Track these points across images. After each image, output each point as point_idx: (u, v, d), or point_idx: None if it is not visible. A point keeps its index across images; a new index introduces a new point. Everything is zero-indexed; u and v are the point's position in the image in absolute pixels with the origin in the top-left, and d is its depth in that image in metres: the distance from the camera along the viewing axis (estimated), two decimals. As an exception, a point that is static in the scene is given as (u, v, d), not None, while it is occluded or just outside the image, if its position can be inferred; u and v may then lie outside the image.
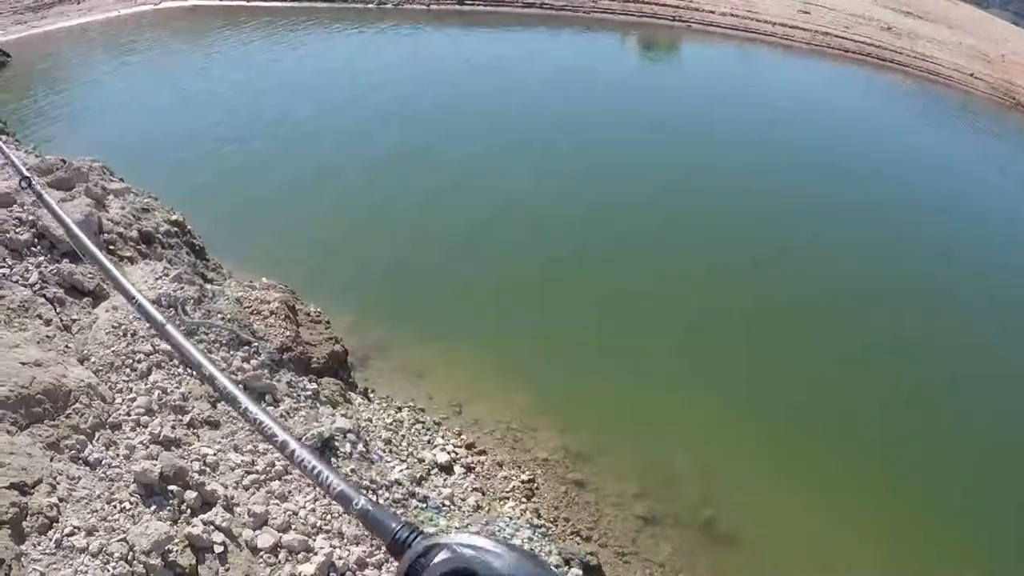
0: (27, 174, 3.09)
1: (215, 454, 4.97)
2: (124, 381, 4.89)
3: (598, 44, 25.11)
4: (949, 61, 24.27)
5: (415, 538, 0.89)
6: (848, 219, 14.12)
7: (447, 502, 6.69)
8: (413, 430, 7.61)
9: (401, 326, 9.43)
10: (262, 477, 5.13)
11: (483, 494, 7.23)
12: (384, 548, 0.92)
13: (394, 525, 0.93)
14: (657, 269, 11.71)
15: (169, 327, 1.69)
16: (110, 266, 2.18)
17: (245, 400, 1.30)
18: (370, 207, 12.69)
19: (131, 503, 3.97)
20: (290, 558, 4.64)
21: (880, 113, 21.81)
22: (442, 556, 0.83)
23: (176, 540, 3.90)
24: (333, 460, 5.96)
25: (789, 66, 24.69)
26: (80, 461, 4.01)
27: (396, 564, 0.86)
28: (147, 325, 5.43)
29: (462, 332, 9.66)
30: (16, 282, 5.01)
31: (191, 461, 4.67)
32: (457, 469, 7.41)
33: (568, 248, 12.10)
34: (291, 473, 5.49)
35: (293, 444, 1.13)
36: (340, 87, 18.83)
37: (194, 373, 5.58)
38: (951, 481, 8.61)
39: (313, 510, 5.26)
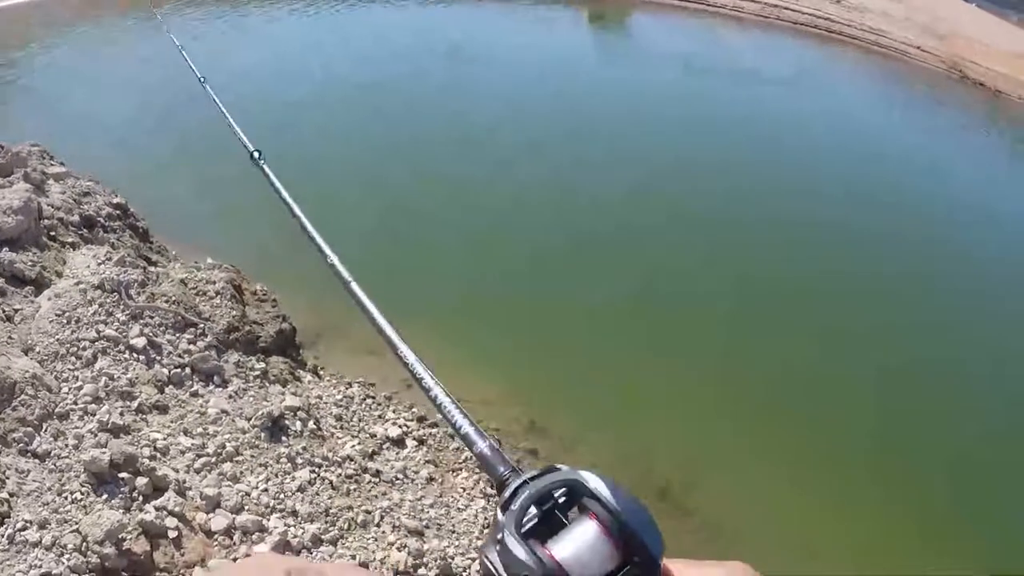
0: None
1: (165, 439, 5.02)
2: (70, 370, 4.89)
3: (546, 15, 24.86)
4: (899, 35, 24.63)
5: (511, 476, 0.97)
6: (816, 196, 14.18)
7: (400, 475, 6.80)
8: (364, 405, 7.67)
9: (354, 305, 9.33)
10: (213, 460, 5.19)
11: (436, 466, 7.34)
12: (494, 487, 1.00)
13: (502, 469, 1.00)
14: (626, 250, 11.68)
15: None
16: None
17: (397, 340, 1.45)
18: (313, 189, 12.44)
19: (82, 493, 4.01)
20: (245, 539, 4.73)
21: (829, 85, 22.08)
22: (537, 475, 0.90)
23: (129, 528, 3.96)
24: (284, 438, 6.03)
25: (737, 37, 24.80)
26: (29, 454, 4.03)
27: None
28: (91, 311, 5.42)
29: (420, 311, 9.61)
30: (-46, 272, 4.96)
31: (141, 447, 4.71)
32: (409, 442, 7.50)
33: (535, 227, 12.02)
34: (242, 454, 5.56)
35: (431, 382, 1.25)
36: (271, 65, 18.45)
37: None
38: (929, 459, 8.72)
39: (266, 490, 5.35)
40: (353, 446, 6.63)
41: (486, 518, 6.74)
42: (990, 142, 20.46)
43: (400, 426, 7.59)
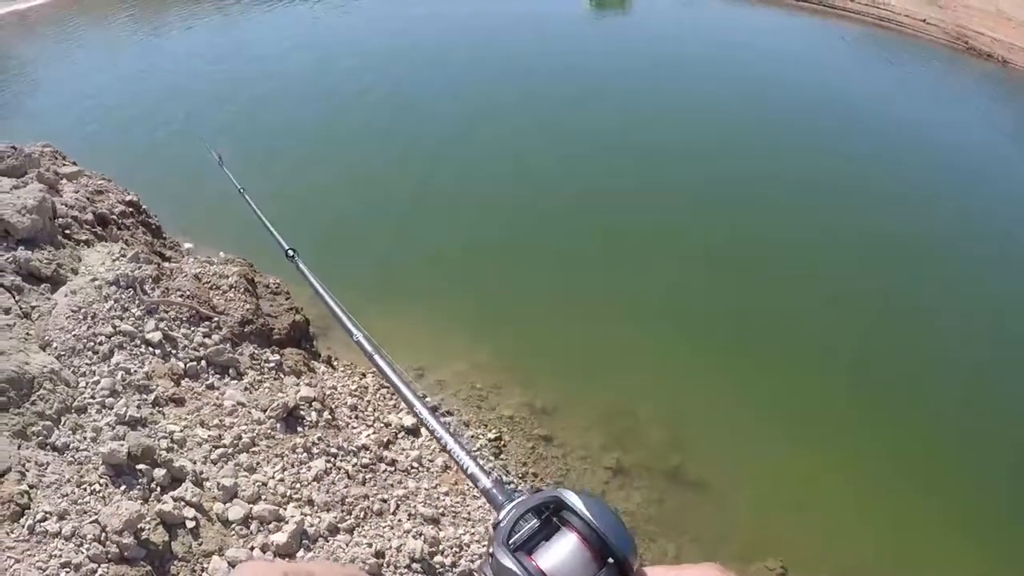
0: None
1: (181, 431, 5.08)
2: (87, 364, 4.96)
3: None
4: (900, 7, 24.35)
5: (506, 500, 1.05)
6: (810, 156, 14.22)
7: (415, 464, 6.85)
8: (378, 395, 7.72)
9: (358, 293, 9.43)
10: (230, 450, 5.26)
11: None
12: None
13: (501, 498, 1.09)
14: (606, 218, 11.77)
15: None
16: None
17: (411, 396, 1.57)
18: (310, 176, 12.54)
19: (101, 484, 4.08)
20: (262, 528, 4.79)
21: (833, 58, 21.92)
22: (525, 498, 0.97)
23: (147, 518, 4.03)
24: (300, 429, 6.09)
25: (738, 14, 24.77)
26: (48, 447, 4.10)
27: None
28: (107, 307, 5.50)
29: (417, 296, 9.69)
30: (-29, 271, 5.03)
31: (158, 439, 4.78)
32: (424, 431, 7.54)
33: (517, 203, 12.14)
34: (258, 445, 5.63)
35: (441, 431, 1.35)
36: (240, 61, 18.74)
37: (158, 352, 5.68)
38: (922, 412, 8.73)
39: (282, 480, 5.41)
40: (368, 435, 6.68)
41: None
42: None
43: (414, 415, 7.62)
